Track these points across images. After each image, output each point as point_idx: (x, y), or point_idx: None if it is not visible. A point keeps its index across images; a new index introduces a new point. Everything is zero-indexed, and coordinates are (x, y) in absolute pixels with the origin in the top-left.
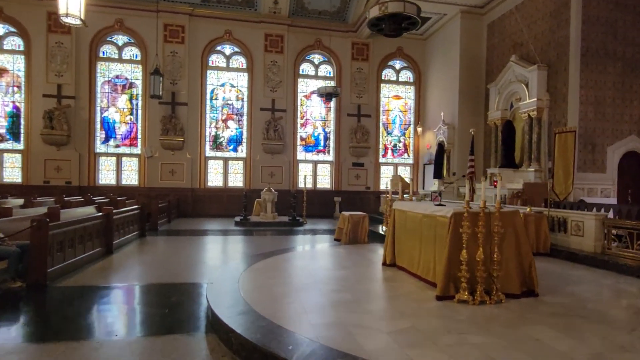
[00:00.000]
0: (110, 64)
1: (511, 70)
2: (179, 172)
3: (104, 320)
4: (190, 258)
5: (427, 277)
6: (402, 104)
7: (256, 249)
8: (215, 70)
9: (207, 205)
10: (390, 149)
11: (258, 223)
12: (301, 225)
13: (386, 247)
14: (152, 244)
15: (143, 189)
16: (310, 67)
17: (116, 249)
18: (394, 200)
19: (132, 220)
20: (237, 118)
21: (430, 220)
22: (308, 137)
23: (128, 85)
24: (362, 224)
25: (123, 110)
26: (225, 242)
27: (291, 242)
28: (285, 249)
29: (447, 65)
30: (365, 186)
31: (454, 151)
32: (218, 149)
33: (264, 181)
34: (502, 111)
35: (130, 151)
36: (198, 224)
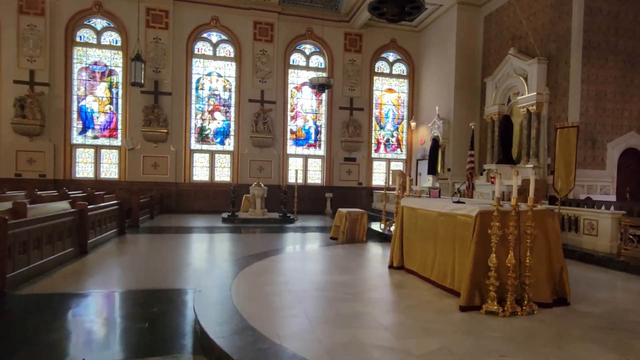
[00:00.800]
0: (87, 50)
1: (509, 63)
2: (162, 166)
3: (71, 338)
4: (174, 259)
5: (443, 282)
6: (396, 98)
7: (247, 249)
8: (201, 59)
9: (192, 201)
10: (382, 143)
11: (247, 220)
12: (292, 222)
13: (393, 248)
14: (132, 242)
15: (124, 183)
16: (301, 58)
17: (91, 249)
18: (391, 196)
19: (110, 217)
20: (225, 109)
21: (449, 219)
22: (298, 131)
23: (107, 72)
24: (360, 221)
25: (102, 99)
26: (212, 240)
27: (283, 240)
28: (278, 249)
29: (442, 59)
30: (357, 182)
31: (449, 146)
32: (204, 142)
33: (253, 176)
34: (499, 106)
35: (110, 143)
36: (182, 220)
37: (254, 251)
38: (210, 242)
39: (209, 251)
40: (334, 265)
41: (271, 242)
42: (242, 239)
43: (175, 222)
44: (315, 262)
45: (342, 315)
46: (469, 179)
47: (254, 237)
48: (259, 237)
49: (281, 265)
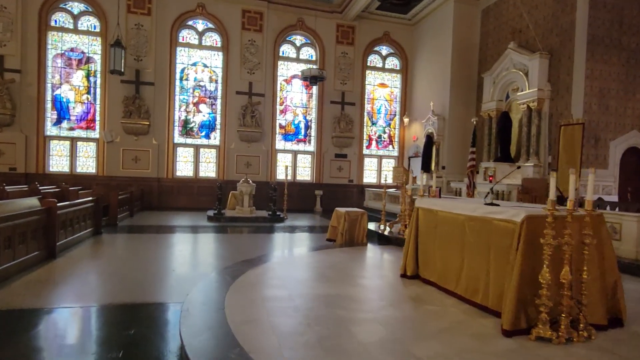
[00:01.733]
0: (63, 35)
1: (509, 58)
2: (143, 160)
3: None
4: (155, 264)
5: (473, 298)
6: (388, 93)
7: (237, 252)
8: (186, 48)
9: (175, 197)
10: (374, 140)
11: (234, 218)
12: (282, 221)
13: (406, 254)
14: (109, 244)
15: (102, 177)
16: (292, 49)
17: (61, 252)
18: (393, 195)
19: (84, 215)
20: (210, 101)
21: (482, 224)
22: (288, 125)
23: (85, 60)
24: (360, 222)
25: (79, 89)
26: (197, 241)
27: (276, 242)
28: (273, 253)
29: (437, 53)
30: (348, 179)
31: (444, 143)
32: (188, 135)
33: (240, 171)
34: (497, 102)
35: (87, 135)
36: (165, 218)
37: (245, 255)
38: (196, 243)
39: (195, 254)
40: (340, 273)
41: (262, 244)
42: (230, 240)
43: (157, 221)
44: (318, 269)
45: (366, 344)
46: (471, 177)
47: (243, 238)
48: (248, 238)
49: (280, 273)
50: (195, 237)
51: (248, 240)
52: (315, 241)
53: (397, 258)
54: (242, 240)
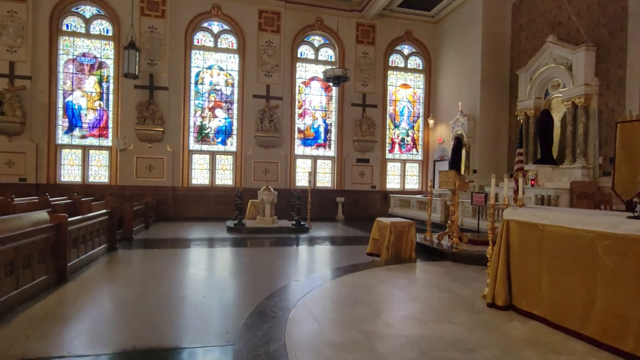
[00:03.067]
0: (75, 40)
1: (547, 52)
2: (158, 168)
3: None
4: (180, 288)
5: (617, 344)
6: (411, 94)
7: (270, 270)
8: (201, 51)
9: (191, 207)
10: (397, 143)
11: (256, 229)
12: (307, 232)
13: (495, 279)
14: (125, 263)
15: (115, 187)
16: (310, 50)
17: (73, 274)
18: (439, 204)
19: (98, 230)
20: (227, 106)
21: (630, 245)
22: (307, 129)
23: (97, 65)
24: (407, 234)
25: (91, 95)
26: (220, 257)
27: (309, 257)
28: (316, 275)
29: (464, 51)
30: (370, 185)
31: (475, 146)
32: (204, 142)
33: (257, 179)
34: (535, 100)
35: (100, 143)
36: (182, 230)
37: (281, 275)
38: (220, 259)
39: (222, 275)
40: (415, 303)
41: (295, 260)
42: (257, 255)
43: (174, 233)
44: (381, 297)
45: None
46: (518, 182)
47: (270, 252)
48: (276, 252)
49: (338, 304)
50: (218, 252)
51: (277, 255)
52: (354, 255)
53: (465, 279)
54: (270, 255)
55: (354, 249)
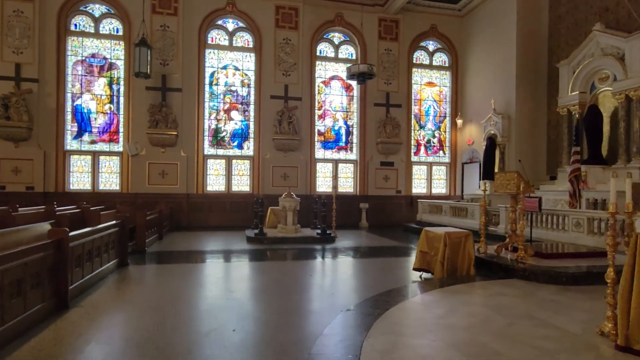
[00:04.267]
0: (84, 40)
1: (594, 42)
2: (171, 174)
3: None
4: (204, 317)
5: None
6: (437, 93)
7: (306, 291)
8: (215, 50)
9: (207, 215)
10: (423, 145)
11: (278, 239)
12: (333, 241)
13: (627, 314)
14: (137, 282)
15: (126, 195)
16: (330, 48)
17: (76, 298)
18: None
19: (107, 244)
20: (243, 108)
21: None
22: (327, 132)
23: (107, 66)
24: (464, 247)
25: (101, 98)
26: (245, 274)
27: (346, 274)
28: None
29: (496, 45)
30: (395, 189)
31: (510, 146)
32: (219, 146)
33: (276, 184)
34: (579, 94)
35: (110, 148)
36: (197, 240)
37: (322, 297)
38: (244, 276)
39: (250, 298)
40: (516, 344)
41: (333, 278)
42: (286, 271)
43: (190, 244)
44: (466, 334)
45: None
46: (575, 184)
47: (300, 267)
48: (306, 267)
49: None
50: (240, 267)
51: (307, 269)
52: (396, 270)
53: (556, 305)
54: (299, 271)
55: (391, 262)
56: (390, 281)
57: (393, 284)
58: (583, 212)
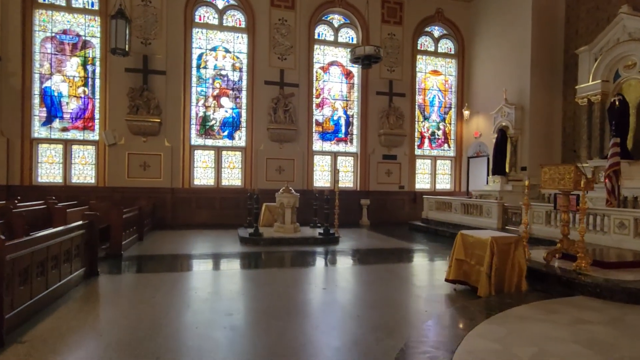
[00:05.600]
0: (54, 14)
1: (620, 26)
2: (154, 166)
3: None
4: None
5: None
6: (442, 82)
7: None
8: (203, 29)
9: (194, 212)
10: (427, 137)
11: (276, 240)
12: (337, 242)
13: None
14: (107, 300)
15: (103, 189)
16: (329, 31)
17: (19, 329)
18: None
19: (69, 251)
20: (234, 94)
21: None
22: (325, 122)
23: (81, 44)
24: (512, 255)
25: (73, 80)
26: (243, 286)
27: (367, 286)
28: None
29: (507, 31)
30: (398, 185)
31: (524, 139)
32: (208, 135)
33: (270, 178)
34: (602, 83)
35: (84, 137)
36: (183, 241)
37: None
38: (241, 289)
39: (251, 319)
40: None
41: (353, 294)
42: (292, 281)
43: (175, 246)
44: None
45: None
46: (613, 179)
47: (307, 277)
48: (314, 277)
49: None
50: (235, 278)
51: (316, 280)
52: (424, 282)
53: None
54: (308, 282)
55: (412, 269)
56: (423, 297)
57: (429, 301)
58: (630, 211)
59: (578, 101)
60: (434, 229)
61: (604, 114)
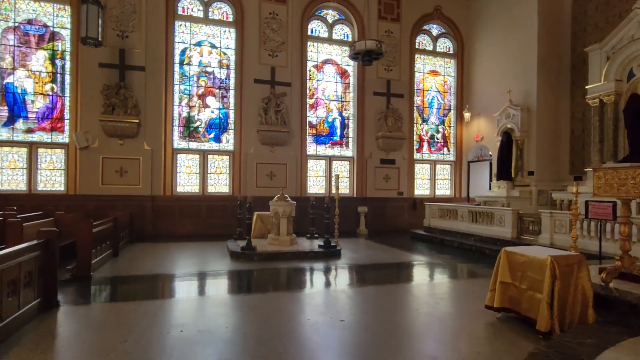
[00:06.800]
0: (17, 2)
1: (635, 22)
2: (131, 172)
3: None
4: None
5: None
6: (441, 82)
7: (342, 355)
8: (187, 22)
9: (176, 222)
10: (426, 141)
11: (272, 255)
12: (339, 256)
13: None
14: (65, 346)
15: (74, 197)
16: (322, 27)
17: None
18: None
19: (15, 280)
20: (221, 93)
21: None
22: (320, 124)
23: (49, 36)
24: (575, 278)
25: (40, 75)
26: (239, 320)
27: (389, 313)
28: None
29: (512, 28)
30: (397, 191)
31: (530, 142)
32: (192, 138)
33: (261, 184)
34: (615, 82)
35: (52, 139)
36: (165, 257)
37: None
38: (237, 326)
39: None
40: None
41: (372, 326)
42: (298, 310)
43: (155, 263)
44: None
45: None
46: None
47: (316, 302)
48: (322, 301)
49: None
50: (229, 308)
51: (328, 309)
52: (459, 309)
53: None
54: (319, 313)
55: (433, 288)
56: (466, 331)
57: (475, 338)
58: None
59: (589, 102)
60: (439, 238)
61: (618, 115)
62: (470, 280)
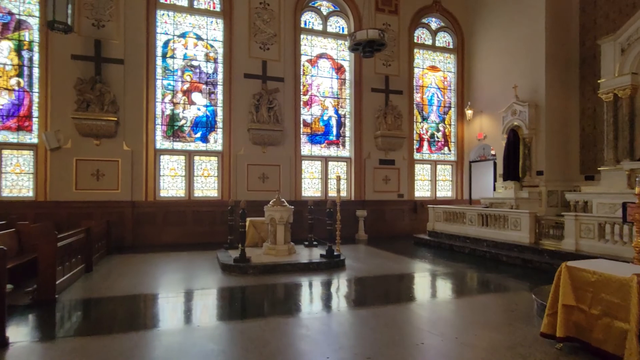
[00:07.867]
0: None
1: None
2: (109, 175)
3: None
4: None
5: None
6: (440, 78)
7: None
8: (170, 11)
9: (160, 229)
10: (426, 140)
11: (269, 267)
12: (343, 266)
13: None
14: None
15: (45, 204)
16: (317, 19)
17: None
18: None
19: None
20: (208, 89)
21: None
22: (315, 122)
23: (14, 25)
24: None
25: (4, 68)
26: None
27: (424, 339)
28: None
29: (517, 21)
30: (397, 193)
31: (539, 140)
32: (177, 138)
33: (252, 188)
34: (632, 75)
35: (19, 139)
36: (146, 270)
37: None
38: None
39: None
40: None
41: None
42: (313, 340)
43: (134, 280)
44: None
45: None
46: None
47: (331, 327)
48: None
49: None
50: (227, 340)
51: (348, 341)
52: (504, 334)
53: None
54: (340, 347)
55: (463, 309)
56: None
57: None
58: None
59: (602, 96)
60: (447, 244)
61: (634, 110)
62: (502, 295)
